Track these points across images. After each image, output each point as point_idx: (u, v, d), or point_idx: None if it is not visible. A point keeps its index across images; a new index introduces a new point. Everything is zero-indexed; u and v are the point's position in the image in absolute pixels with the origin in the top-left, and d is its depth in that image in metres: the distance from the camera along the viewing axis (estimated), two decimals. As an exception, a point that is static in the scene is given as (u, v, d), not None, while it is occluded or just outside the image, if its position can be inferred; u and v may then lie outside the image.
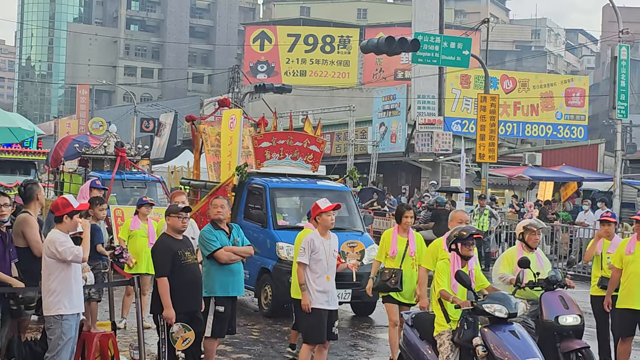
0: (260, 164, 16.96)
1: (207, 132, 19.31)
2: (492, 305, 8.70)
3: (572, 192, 34.52)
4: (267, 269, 15.25)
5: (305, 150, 17.36)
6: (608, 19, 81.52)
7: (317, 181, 16.98)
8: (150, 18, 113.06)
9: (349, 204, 16.55)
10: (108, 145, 23.31)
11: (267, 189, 15.92)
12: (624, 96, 27.32)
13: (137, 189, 21.86)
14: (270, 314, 15.19)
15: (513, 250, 10.67)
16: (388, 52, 26.03)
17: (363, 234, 16.03)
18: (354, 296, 14.92)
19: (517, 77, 51.78)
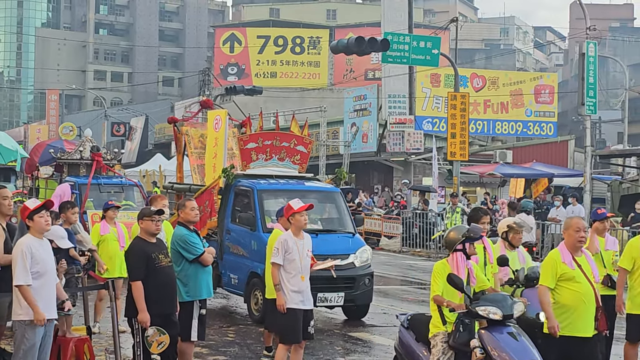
0: (246, 165, 16.63)
1: (190, 133, 18.91)
2: (487, 308, 8.53)
3: (543, 189, 34.71)
4: (257, 273, 14.69)
5: (292, 151, 17.04)
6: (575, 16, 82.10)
7: (304, 182, 16.64)
8: (119, 22, 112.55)
9: (339, 205, 16.25)
10: (84, 150, 23.01)
11: (255, 191, 15.47)
12: (592, 92, 27.48)
13: (114, 194, 21.54)
14: (262, 319, 14.30)
15: (495, 248, 10.49)
16: (358, 52, 26.13)
17: (354, 235, 15.76)
18: (347, 299, 14.75)
19: (486, 75, 52.09)
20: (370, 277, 15.23)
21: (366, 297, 15.20)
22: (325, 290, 14.38)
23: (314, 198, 15.81)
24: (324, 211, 16.29)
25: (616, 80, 79.86)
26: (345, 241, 15.31)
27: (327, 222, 15.94)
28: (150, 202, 11.17)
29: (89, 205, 20.47)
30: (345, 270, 14.71)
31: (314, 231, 14.68)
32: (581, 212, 26.80)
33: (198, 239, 10.22)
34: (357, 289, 14.87)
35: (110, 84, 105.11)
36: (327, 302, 14.65)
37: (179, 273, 10.03)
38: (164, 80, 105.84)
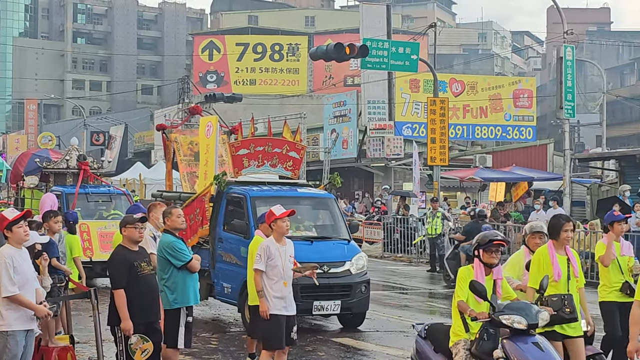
0: (238, 172, 16.34)
1: (179, 141, 18.57)
2: (511, 317, 8.18)
3: (523, 192, 34.86)
4: None
5: (285, 157, 16.79)
6: (553, 20, 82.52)
7: (297, 188, 16.30)
8: (97, 31, 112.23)
9: (333, 212, 15.97)
10: (70, 159, 22.64)
11: (248, 198, 15.06)
12: (570, 96, 27.65)
13: (102, 203, 21.33)
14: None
15: (519, 254, 10.11)
16: (337, 58, 26.19)
17: (349, 242, 15.45)
18: (343, 307, 14.52)
19: (465, 80, 52.32)
20: (367, 284, 14.98)
21: (363, 304, 14.95)
22: (322, 299, 14.21)
23: (308, 204, 15.82)
24: (319, 218, 16.12)
25: (594, 84, 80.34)
26: (341, 248, 15.06)
27: (322, 229, 15.73)
28: (149, 210, 11.14)
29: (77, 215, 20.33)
30: (342, 278, 14.55)
31: (308, 238, 14.77)
32: (561, 215, 26.89)
33: (185, 246, 10.24)
34: (353, 297, 14.63)
35: (89, 93, 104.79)
36: (324, 311, 14.42)
37: (167, 280, 10.05)
38: (142, 89, 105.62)
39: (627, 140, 75.27)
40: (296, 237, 14.35)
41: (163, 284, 10.05)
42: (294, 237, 14.27)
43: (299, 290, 13.51)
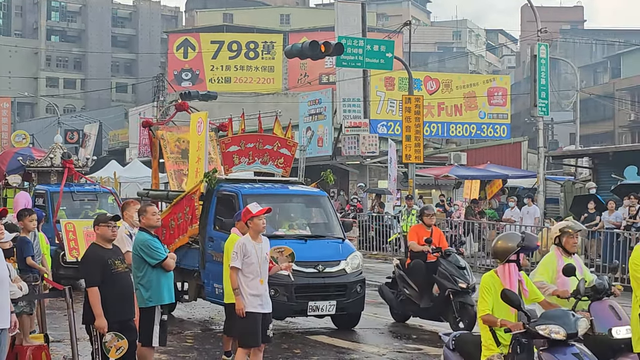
0: (228, 169, 15.94)
1: (165, 138, 18.05)
2: (548, 327, 7.54)
3: (497, 190, 35.04)
4: None
5: (276, 154, 16.48)
6: (527, 18, 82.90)
7: (289, 186, 16.03)
8: (71, 28, 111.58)
9: (327, 210, 15.69)
10: (54, 157, 22.13)
11: (240, 196, 14.59)
12: (544, 94, 27.82)
13: (87, 202, 20.78)
14: None
15: (550, 256, 9.46)
16: (312, 56, 26.20)
17: (344, 241, 15.14)
18: (339, 308, 14.21)
19: (440, 78, 52.51)
20: (362, 284, 14.66)
21: (358, 305, 14.66)
22: (317, 299, 13.97)
23: (300, 202, 15.70)
24: (312, 216, 15.88)
25: (567, 82, 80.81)
26: (335, 247, 14.80)
27: (316, 228, 15.47)
28: (123, 207, 11.13)
29: (62, 215, 19.71)
30: (337, 278, 14.29)
31: (302, 237, 14.56)
32: (536, 213, 27.12)
33: (160, 244, 10.23)
34: (349, 297, 14.33)
35: (63, 90, 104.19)
36: (319, 311, 14.14)
37: (142, 279, 10.04)
38: (117, 87, 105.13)
39: (600, 137, 75.79)
40: (289, 235, 14.44)
41: (138, 282, 10.04)
42: (287, 235, 14.46)
43: (294, 291, 13.71)
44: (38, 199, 20.73)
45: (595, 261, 23.70)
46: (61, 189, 20.31)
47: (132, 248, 10.32)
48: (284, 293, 13.72)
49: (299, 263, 13.28)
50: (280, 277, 13.03)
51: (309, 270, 13.94)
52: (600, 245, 23.66)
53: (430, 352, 13.24)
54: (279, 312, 13.61)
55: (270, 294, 12.80)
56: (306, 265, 13.83)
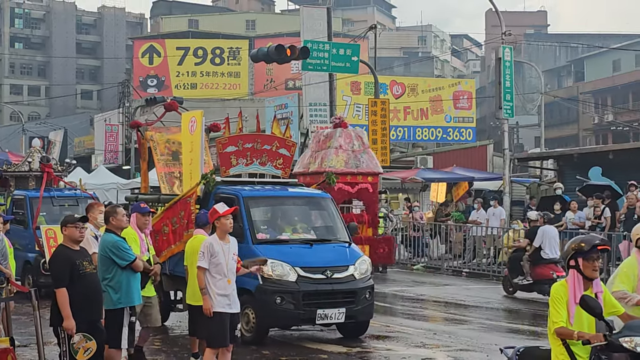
0: (225, 171, 15.27)
1: (155, 139, 17.33)
2: (633, 339, 6.65)
3: (463, 192, 35.18)
4: (247, 289, 13.09)
5: (275, 154, 15.70)
6: (491, 23, 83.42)
7: (288, 188, 15.48)
8: (35, 35, 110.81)
9: (331, 213, 15.04)
10: (32, 161, 21.32)
11: (241, 198, 14.03)
12: (509, 96, 28.03)
13: (68, 207, 19.79)
14: (255, 341, 13.30)
15: (631, 261, 8.45)
16: (278, 60, 26.21)
17: (350, 245, 14.45)
18: (348, 316, 13.48)
19: (406, 82, 52.74)
20: (371, 290, 13.98)
21: (367, 312, 13.95)
22: (325, 307, 13.29)
23: (304, 204, 15.13)
24: (316, 219, 15.20)
25: (532, 86, 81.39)
26: (343, 251, 14.14)
27: (321, 231, 14.78)
28: (87, 209, 11.09)
29: (41, 221, 18.94)
30: (345, 284, 13.59)
31: (308, 241, 13.98)
32: (502, 214, 27.28)
33: (129, 245, 10.21)
34: (358, 304, 13.60)
35: (27, 98, 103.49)
36: (327, 320, 13.43)
37: (110, 280, 10.01)
38: (82, 93, 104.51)
39: (565, 141, 76.43)
40: (294, 239, 13.97)
41: (106, 284, 10.00)
42: (291, 240, 13.95)
43: (301, 298, 13.13)
44: (16, 204, 20.35)
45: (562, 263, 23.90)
46: (41, 194, 19.52)
47: (98, 249, 10.28)
48: (290, 301, 13.14)
49: (305, 269, 13.24)
50: (287, 283, 12.95)
51: (316, 276, 13.36)
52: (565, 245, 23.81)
53: (398, 350, 13.30)
54: (286, 321, 13.56)
55: (276, 302, 12.92)
56: (314, 271, 13.37)
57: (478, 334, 15.03)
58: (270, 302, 13.05)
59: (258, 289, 13.17)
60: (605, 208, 23.03)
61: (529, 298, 20.24)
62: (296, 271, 13.24)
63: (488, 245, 26.72)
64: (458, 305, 19.39)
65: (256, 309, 13.24)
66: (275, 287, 13.02)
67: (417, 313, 18.13)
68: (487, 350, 13.28)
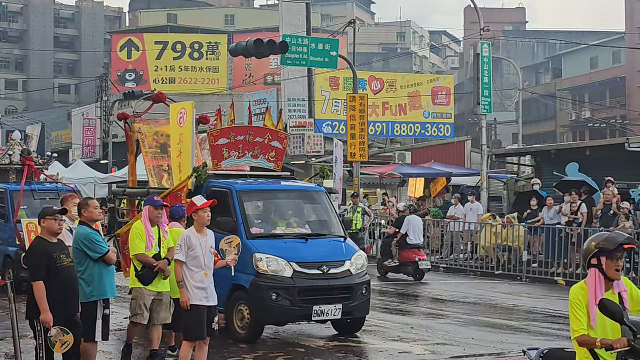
0: (217, 164, 14.84)
1: (143, 131, 16.81)
2: None
3: (441, 188, 35.30)
4: (241, 285, 12.99)
5: (267, 147, 15.29)
6: (470, 20, 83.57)
7: (281, 181, 15.10)
8: (13, 29, 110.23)
9: (326, 207, 14.73)
10: (13, 154, 20.88)
11: (235, 192, 13.74)
12: (487, 92, 28.17)
13: (49, 201, 18.84)
14: (249, 339, 13.06)
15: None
16: (257, 54, 26.20)
17: (346, 239, 14.12)
18: (345, 312, 13.25)
19: (384, 78, 52.79)
20: (368, 285, 13.75)
21: (364, 308, 13.71)
22: (322, 303, 13.03)
23: (298, 198, 14.90)
24: (310, 213, 14.92)
25: (510, 83, 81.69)
26: (338, 246, 13.82)
27: (316, 226, 14.45)
28: (62, 202, 11.04)
29: (22, 214, 18.33)
30: (342, 279, 13.30)
31: (303, 236, 13.72)
32: (479, 210, 27.40)
33: (102, 238, 10.19)
34: (354, 300, 13.34)
35: (5, 91, 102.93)
36: (324, 316, 13.13)
37: (83, 273, 9.95)
38: (60, 87, 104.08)
39: (542, 137, 76.75)
40: (289, 234, 13.72)
41: (79, 277, 9.94)
42: (286, 234, 13.69)
43: (297, 294, 12.87)
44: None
45: (538, 257, 24.05)
46: (21, 188, 19.09)
47: (72, 242, 10.23)
48: (286, 297, 12.85)
49: (301, 264, 12.99)
50: (282, 279, 12.75)
51: (312, 271, 13.08)
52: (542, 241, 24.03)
53: (375, 344, 13.34)
54: (281, 318, 13.29)
55: (272, 298, 12.67)
56: (309, 266, 13.11)
57: (455, 328, 15.08)
58: (266, 298, 12.77)
59: (253, 285, 12.93)
60: (582, 204, 23.17)
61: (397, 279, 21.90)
62: (292, 267, 12.97)
63: (466, 240, 26.82)
64: (435, 300, 19.47)
65: (251, 306, 12.98)
66: (271, 283, 12.79)
67: (395, 307, 18.16)
68: (464, 344, 13.33)
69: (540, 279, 22.94)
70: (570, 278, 22.16)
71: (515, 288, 21.66)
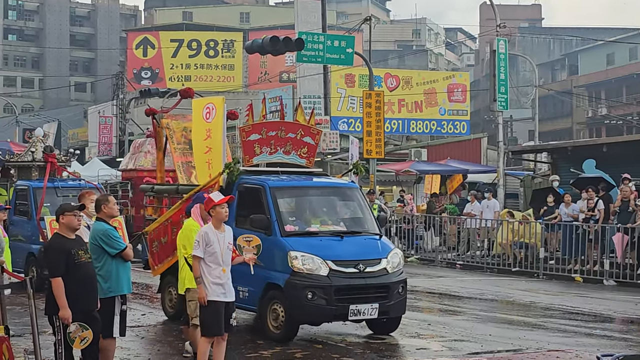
0: (249, 160, 14.52)
1: (171, 127, 16.53)
2: None
3: (457, 185, 35.23)
4: (275, 284, 12.86)
5: (299, 143, 14.98)
6: (486, 17, 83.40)
7: (313, 178, 14.76)
8: (29, 27, 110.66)
9: (360, 203, 14.45)
10: (36, 151, 20.93)
11: (268, 189, 13.50)
12: (503, 89, 28.08)
13: (72, 198, 18.59)
14: (284, 338, 12.85)
15: None
16: (273, 51, 26.20)
17: (381, 237, 13.86)
18: (381, 311, 12.94)
19: (400, 75, 52.74)
20: (404, 284, 13.45)
21: (400, 307, 13.40)
22: (358, 302, 12.73)
23: (332, 195, 14.62)
24: (345, 210, 14.54)
25: (526, 79, 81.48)
26: (374, 244, 13.53)
27: (350, 223, 14.09)
28: (79, 198, 11.05)
29: (45, 212, 18.53)
30: (378, 278, 13.00)
31: (338, 233, 13.43)
32: (496, 206, 27.33)
33: (119, 234, 10.20)
34: (391, 299, 13.04)
35: (21, 90, 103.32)
36: (360, 316, 12.85)
37: (100, 269, 9.95)
38: (75, 85, 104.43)
39: (558, 134, 76.51)
40: (324, 232, 13.43)
41: (97, 273, 9.95)
42: (321, 232, 13.40)
43: (333, 293, 12.61)
44: (19, 195, 20.12)
45: (555, 254, 23.98)
46: (44, 185, 19.14)
47: (89, 238, 10.24)
48: (322, 296, 12.58)
49: (337, 262, 12.73)
50: (318, 278, 12.53)
51: (349, 270, 12.78)
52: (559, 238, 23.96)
53: (392, 341, 13.33)
54: (317, 317, 12.99)
55: (307, 297, 12.48)
56: (346, 264, 12.82)
57: (472, 324, 15.05)
58: (301, 297, 12.51)
59: (287, 283, 12.70)
60: (598, 200, 23.08)
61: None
62: (328, 265, 12.69)
63: (482, 237, 26.77)
64: (452, 297, 19.42)
65: (285, 305, 12.74)
66: (306, 281, 12.53)
67: (412, 304, 18.10)
68: (482, 341, 13.30)
69: (557, 276, 22.86)
70: (587, 275, 22.09)
71: (532, 285, 21.59)
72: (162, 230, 14.14)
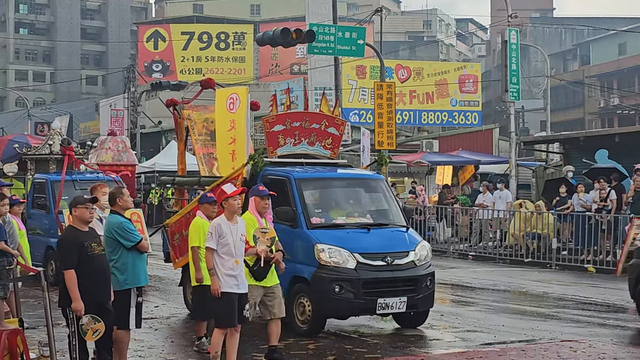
0: (273, 151, 14.25)
1: (192, 118, 16.34)
2: None
3: (469, 176, 35.17)
4: (302, 277, 12.68)
5: (323, 134, 14.68)
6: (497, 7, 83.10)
7: (337, 169, 14.48)
8: (40, 21, 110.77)
9: (386, 195, 14.20)
10: (53, 144, 20.82)
11: (293, 180, 13.27)
12: (515, 79, 27.98)
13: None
14: (311, 332, 12.67)
15: None
16: (284, 43, 26.14)
17: (408, 229, 13.63)
18: (409, 305, 12.72)
19: (411, 66, 52.67)
20: (432, 277, 13.19)
21: (429, 301, 13.16)
22: (386, 295, 12.52)
23: (358, 186, 14.42)
24: (371, 202, 14.32)
25: (538, 70, 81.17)
26: (401, 236, 13.30)
27: (376, 215, 13.84)
28: (91, 191, 11.08)
29: (63, 205, 18.13)
30: (406, 271, 12.79)
31: (365, 225, 13.21)
32: (508, 197, 27.29)
33: (134, 227, 10.22)
34: (419, 292, 12.82)
35: (33, 83, 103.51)
36: (388, 309, 12.64)
37: (117, 261, 9.97)
38: (87, 78, 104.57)
39: (570, 124, 76.29)
40: (350, 224, 13.21)
41: (112, 265, 9.97)
42: (347, 224, 13.18)
43: (361, 287, 12.43)
44: (37, 188, 20.03)
45: (568, 244, 23.93)
46: (62, 178, 18.97)
47: (103, 231, 10.25)
48: (350, 289, 12.38)
49: (365, 255, 12.55)
50: (346, 271, 12.34)
51: (376, 263, 12.57)
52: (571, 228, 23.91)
53: (405, 331, 13.32)
54: (344, 311, 12.84)
55: (334, 290, 12.27)
56: (373, 257, 12.61)
57: (485, 315, 15.05)
58: (328, 290, 12.30)
59: (314, 276, 12.51)
60: (611, 191, 23.02)
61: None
62: (355, 258, 12.48)
63: (494, 228, 26.73)
64: (465, 288, 19.41)
65: (312, 298, 12.54)
66: (333, 274, 12.34)
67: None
68: (495, 331, 13.30)
69: (570, 266, 22.83)
70: (600, 265, 22.04)
71: (544, 275, 21.57)
72: (184, 222, 13.95)
